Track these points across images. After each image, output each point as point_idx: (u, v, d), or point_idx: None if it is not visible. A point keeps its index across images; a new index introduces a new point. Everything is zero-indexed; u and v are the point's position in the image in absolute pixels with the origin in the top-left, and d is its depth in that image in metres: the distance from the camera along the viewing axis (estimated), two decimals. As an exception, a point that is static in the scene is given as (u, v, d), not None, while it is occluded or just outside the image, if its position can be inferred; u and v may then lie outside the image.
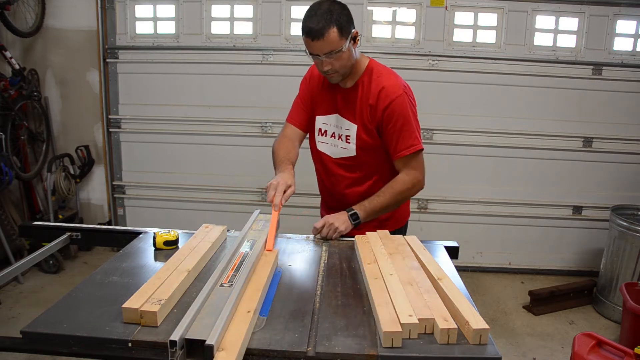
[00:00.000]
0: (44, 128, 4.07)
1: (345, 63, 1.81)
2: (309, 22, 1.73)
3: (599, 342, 2.38)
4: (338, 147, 2.00)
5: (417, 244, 1.74)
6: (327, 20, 1.71)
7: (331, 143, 2.02)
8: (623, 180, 3.96)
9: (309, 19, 1.73)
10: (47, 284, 3.64)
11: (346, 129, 1.95)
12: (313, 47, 1.75)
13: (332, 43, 1.73)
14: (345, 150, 1.98)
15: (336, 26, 1.72)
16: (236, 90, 3.94)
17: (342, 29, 1.73)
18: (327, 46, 1.73)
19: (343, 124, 1.96)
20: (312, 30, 1.72)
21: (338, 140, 1.99)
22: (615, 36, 3.77)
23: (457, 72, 3.80)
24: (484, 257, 4.14)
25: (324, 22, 1.70)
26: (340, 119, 1.97)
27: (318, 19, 1.71)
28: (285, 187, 1.80)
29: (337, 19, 1.72)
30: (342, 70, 1.83)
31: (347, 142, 1.96)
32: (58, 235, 1.91)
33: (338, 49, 1.75)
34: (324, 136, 2.03)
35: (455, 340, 1.20)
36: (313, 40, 1.73)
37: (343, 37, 1.74)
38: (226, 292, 1.32)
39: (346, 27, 1.75)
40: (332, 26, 1.71)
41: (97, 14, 3.87)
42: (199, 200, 4.13)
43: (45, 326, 1.22)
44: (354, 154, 1.96)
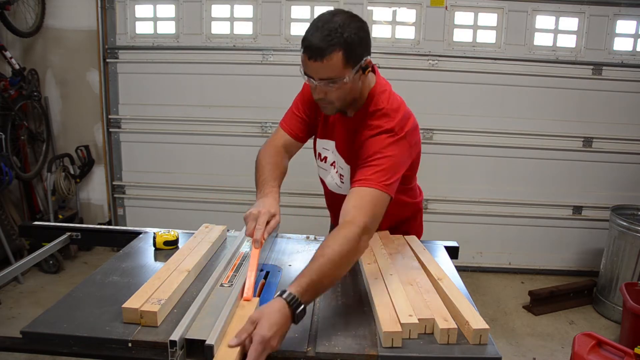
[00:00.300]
0: (44, 128, 4.07)
1: (344, 96, 1.47)
2: (312, 35, 1.37)
3: (599, 342, 2.37)
4: (334, 180, 1.74)
5: (417, 244, 1.74)
6: (334, 41, 1.35)
7: (329, 172, 1.75)
8: (623, 180, 3.96)
9: (314, 32, 1.37)
10: (47, 284, 3.64)
11: (340, 167, 1.68)
12: (309, 67, 1.40)
13: (332, 69, 1.38)
14: (339, 188, 1.74)
15: (343, 49, 1.36)
16: (236, 90, 3.94)
17: (350, 53, 1.38)
18: (325, 71, 1.39)
19: (338, 160, 1.68)
20: (311, 46, 1.36)
21: (335, 173, 1.72)
22: (615, 36, 3.77)
23: (457, 72, 3.80)
24: (484, 257, 4.14)
25: (329, 40, 1.35)
26: (336, 152, 1.69)
27: (324, 35, 1.35)
28: (269, 216, 1.48)
29: (347, 40, 1.36)
30: (338, 103, 1.50)
31: (342, 182, 1.70)
32: (58, 235, 1.91)
33: (339, 78, 1.40)
34: (324, 162, 1.76)
35: (455, 340, 1.20)
36: (310, 59, 1.37)
37: (349, 65, 1.39)
38: (226, 292, 1.33)
39: (356, 54, 1.40)
40: (338, 49, 1.35)
41: (97, 14, 3.87)
42: (199, 200, 4.13)
43: (45, 326, 1.22)
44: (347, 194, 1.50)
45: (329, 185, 1.79)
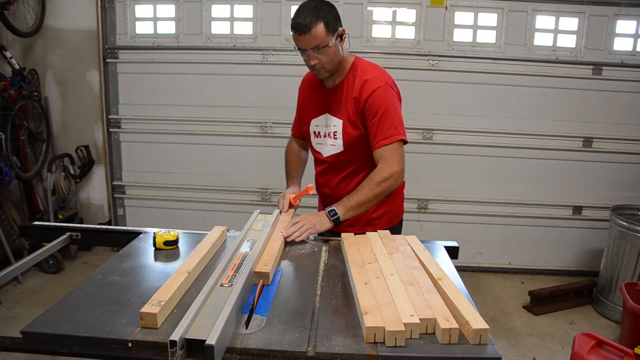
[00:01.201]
0: (44, 128, 4.07)
1: (332, 59, 1.87)
2: (298, 18, 1.80)
3: (599, 342, 2.37)
4: (327, 144, 2.05)
5: (417, 244, 1.74)
6: (314, 16, 1.78)
7: (323, 143, 2.07)
8: (623, 180, 3.96)
9: (298, 16, 1.81)
10: (47, 284, 3.64)
11: (333, 125, 2.00)
12: (301, 41, 1.82)
13: (318, 38, 1.80)
14: (333, 146, 2.03)
15: (323, 22, 1.79)
16: (236, 90, 3.94)
17: (328, 25, 1.80)
18: (313, 40, 1.80)
19: (331, 121, 2.01)
20: (299, 25, 1.79)
21: (327, 138, 2.04)
22: (615, 36, 3.77)
23: (457, 72, 3.80)
24: (484, 257, 4.14)
25: (310, 17, 1.78)
26: (329, 117, 2.02)
27: (305, 15, 1.79)
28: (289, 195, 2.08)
29: (323, 15, 1.80)
30: (328, 66, 1.88)
31: (335, 138, 2.01)
32: (58, 235, 1.91)
33: (324, 43, 1.81)
34: (319, 137, 2.09)
35: (457, 340, 1.20)
36: (300, 34, 1.80)
37: (329, 33, 1.81)
38: (226, 292, 1.32)
39: (332, 24, 1.82)
40: (319, 22, 1.78)
41: (97, 14, 3.87)
42: (199, 200, 4.13)
43: (45, 326, 1.22)
44: (342, 149, 2.00)
45: (327, 152, 2.06)
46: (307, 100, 2.14)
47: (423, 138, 3.89)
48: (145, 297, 1.37)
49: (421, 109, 3.74)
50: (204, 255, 1.61)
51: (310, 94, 2.12)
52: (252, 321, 1.28)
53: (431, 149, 3.89)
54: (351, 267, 1.54)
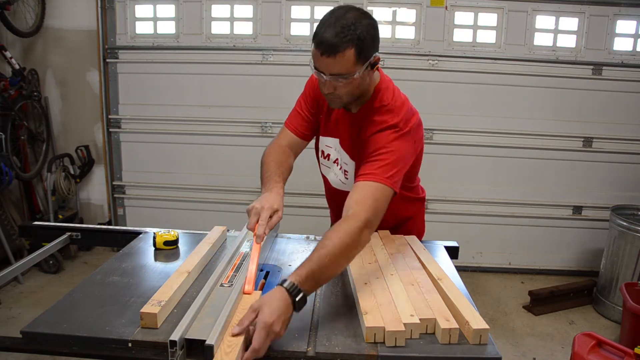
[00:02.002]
0: (44, 128, 4.07)
1: (352, 91, 1.49)
2: (325, 31, 1.38)
3: (599, 342, 2.37)
4: (337, 177, 1.76)
5: (417, 244, 1.74)
6: (347, 37, 1.37)
7: (333, 171, 1.76)
8: (623, 180, 3.96)
9: (326, 28, 1.38)
10: (47, 284, 3.64)
11: (344, 162, 1.69)
12: (321, 63, 1.42)
13: (344, 65, 1.40)
14: (343, 184, 1.74)
15: (355, 47, 1.39)
16: (236, 90, 3.93)
17: (361, 51, 1.41)
18: (337, 67, 1.41)
19: (342, 156, 1.69)
20: (324, 42, 1.38)
21: (339, 170, 1.73)
22: (615, 36, 3.77)
23: (457, 72, 3.80)
24: (484, 257, 4.14)
25: (342, 37, 1.37)
26: (340, 149, 1.70)
27: (337, 31, 1.37)
28: (271, 212, 1.50)
29: (359, 37, 1.39)
30: (346, 98, 1.52)
31: (346, 177, 1.72)
32: (58, 235, 1.91)
33: (350, 74, 1.42)
34: (327, 160, 1.77)
35: (457, 340, 1.20)
36: (323, 55, 1.39)
37: (360, 62, 1.42)
38: (226, 292, 1.33)
39: (366, 51, 1.43)
40: (350, 46, 1.38)
41: (97, 14, 3.87)
42: (199, 200, 4.13)
43: (45, 326, 1.22)
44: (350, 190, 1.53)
45: (332, 182, 1.79)
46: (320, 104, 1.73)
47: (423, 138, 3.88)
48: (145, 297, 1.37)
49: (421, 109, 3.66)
50: (203, 255, 1.61)
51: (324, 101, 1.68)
52: (252, 321, 1.28)
53: (431, 149, 3.88)
54: (351, 267, 1.54)
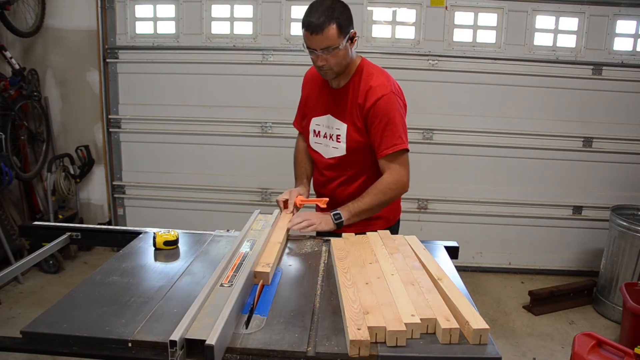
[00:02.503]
0: (44, 128, 4.07)
1: (340, 61, 1.85)
2: (310, 16, 1.76)
3: (599, 342, 2.37)
4: (329, 147, 2.03)
5: (417, 244, 1.74)
6: (328, 17, 1.75)
7: (324, 143, 2.05)
8: (623, 180, 3.96)
9: (311, 14, 1.77)
10: (47, 284, 3.64)
11: (337, 128, 1.99)
12: (311, 41, 1.79)
13: (330, 39, 1.77)
14: (336, 149, 2.01)
15: (336, 23, 1.76)
16: (236, 90, 3.93)
17: (341, 27, 1.77)
18: (325, 41, 1.77)
19: (334, 123, 2.00)
20: (312, 24, 1.75)
21: (329, 140, 2.02)
22: (615, 36, 3.77)
23: (457, 72, 3.80)
24: (484, 257, 4.14)
25: (324, 17, 1.74)
26: (332, 119, 2.00)
27: (319, 14, 1.75)
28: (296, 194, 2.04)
29: (337, 16, 1.76)
30: (336, 68, 1.86)
31: (338, 142, 1.99)
32: (58, 235, 1.91)
33: (335, 45, 1.78)
34: (318, 137, 2.08)
35: (457, 340, 1.20)
36: (312, 34, 1.76)
37: (341, 36, 1.79)
38: (226, 292, 1.32)
39: (345, 26, 1.79)
40: (332, 23, 1.75)
41: (97, 14, 3.87)
42: (199, 200, 4.13)
43: (45, 326, 1.22)
44: (344, 153, 1.98)
45: (325, 153, 2.06)
46: (309, 96, 2.11)
47: (423, 138, 3.89)
48: (146, 297, 1.38)
49: (421, 109, 3.73)
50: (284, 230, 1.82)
51: (313, 91, 2.09)
52: (252, 321, 1.28)
53: (431, 149, 3.89)
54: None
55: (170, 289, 1.45)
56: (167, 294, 1.41)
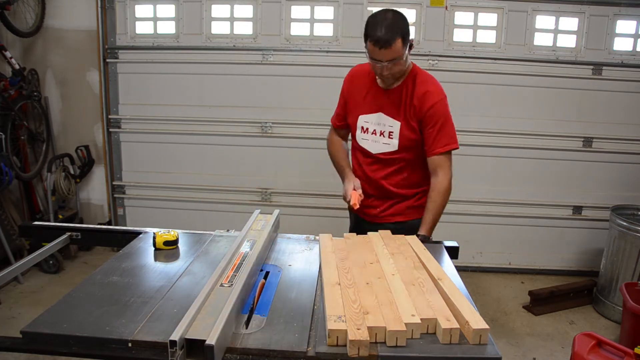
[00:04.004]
0: (44, 128, 4.06)
1: (402, 68, 1.99)
2: (377, 31, 1.86)
3: (599, 342, 2.37)
4: (380, 142, 2.14)
5: (418, 244, 1.74)
6: (395, 32, 1.86)
7: (372, 140, 2.16)
8: (623, 180, 3.96)
9: (378, 28, 1.86)
10: (47, 284, 3.64)
11: (389, 125, 2.10)
12: (379, 54, 1.89)
13: (396, 52, 1.89)
14: (387, 145, 2.12)
15: (401, 37, 1.88)
16: (236, 90, 3.93)
17: (404, 39, 1.90)
18: (392, 54, 1.88)
19: (386, 121, 2.11)
20: (380, 39, 1.86)
21: (380, 136, 2.13)
22: (615, 36, 3.77)
23: (457, 72, 3.80)
24: (484, 257, 4.14)
25: (391, 33, 1.85)
26: (383, 117, 2.11)
27: (386, 30, 1.85)
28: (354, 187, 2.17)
29: (402, 29, 1.89)
30: (398, 75, 2.01)
31: (390, 138, 2.11)
32: (58, 235, 1.91)
33: (400, 57, 1.91)
34: (366, 133, 2.17)
35: (457, 340, 1.20)
36: (380, 49, 1.87)
37: (404, 47, 1.91)
38: (226, 292, 1.32)
39: (407, 37, 1.92)
40: (398, 37, 1.87)
41: (97, 14, 3.86)
42: (199, 200, 4.12)
43: (45, 326, 1.22)
44: (395, 149, 2.11)
45: (373, 149, 2.16)
46: (356, 95, 2.19)
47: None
48: (146, 297, 1.38)
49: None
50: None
51: (360, 90, 2.17)
52: (252, 321, 1.28)
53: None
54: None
55: (170, 289, 1.45)
56: (167, 294, 1.41)
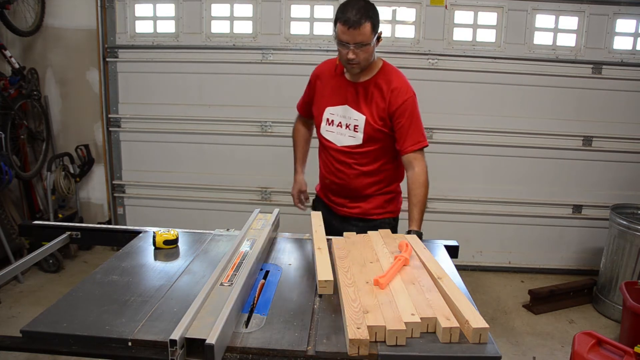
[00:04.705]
0: (44, 127, 4.06)
1: (367, 57, 1.99)
2: (348, 12, 1.90)
3: (598, 341, 2.37)
4: (345, 135, 2.13)
5: (418, 243, 1.74)
6: (364, 15, 1.89)
7: (337, 132, 2.15)
8: (623, 179, 3.96)
9: (348, 10, 1.90)
10: (47, 283, 3.64)
11: (354, 119, 2.10)
12: (347, 35, 1.91)
13: (364, 35, 1.91)
14: (352, 138, 2.11)
15: (371, 22, 1.91)
16: (236, 89, 3.93)
17: (374, 26, 1.93)
18: (359, 37, 1.91)
19: (352, 114, 2.10)
20: (349, 19, 1.89)
21: (345, 129, 2.13)
22: (615, 35, 3.77)
23: (457, 71, 3.79)
24: (484, 256, 4.14)
25: (361, 15, 1.89)
26: (349, 110, 2.11)
27: (357, 11, 1.89)
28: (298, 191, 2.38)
29: (372, 16, 1.92)
30: (363, 63, 1.99)
31: (355, 131, 2.10)
32: (58, 234, 1.91)
33: (367, 42, 1.93)
34: (331, 125, 2.16)
35: (457, 339, 1.20)
36: (349, 28, 1.89)
37: (373, 33, 1.94)
38: (226, 291, 1.32)
39: (377, 26, 1.96)
40: (368, 21, 1.90)
41: (97, 13, 3.86)
42: (198, 200, 4.12)
43: (45, 325, 1.22)
44: (359, 142, 2.09)
45: (338, 141, 2.15)
46: (324, 86, 2.19)
47: (423, 137, 3.88)
48: (146, 296, 1.38)
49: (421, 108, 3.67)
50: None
51: (328, 82, 2.17)
52: (252, 320, 1.29)
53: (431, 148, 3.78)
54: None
55: (170, 288, 1.45)
56: (167, 293, 1.41)
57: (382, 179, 2.17)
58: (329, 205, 2.29)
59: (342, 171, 2.16)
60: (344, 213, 2.23)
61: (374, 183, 2.16)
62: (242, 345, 1.18)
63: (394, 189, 2.25)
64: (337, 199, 2.25)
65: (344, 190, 2.19)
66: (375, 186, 2.18)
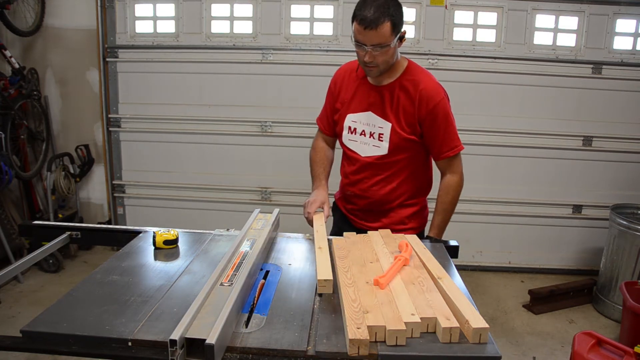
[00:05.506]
0: (44, 127, 4.06)
1: (388, 59, 1.81)
2: (365, 10, 1.71)
3: (598, 341, 2.37)
4: (369, 145, 1.97)
5: (418, 243, 1.74)
6: (383, 13, 1.70)
7: (361, 141, 1.99)
8: (623, 179, 3.96)
9: (365, 8, 1.71)
10: (47, 283, 3.64)
11: (379, 127, 1.93)
12: (363, 35, 1.74)
13: (382, 36, 1.72)
14: (377, 148, 1.95)
15: (390, 21, 1.71)
16: (236, 89, 3.93)
17: (395, 25, 1.73)
18: (377, 38, 1.73)
19: (376, 121, 1.93)
20: (366, 18, 1.70)
21: (369, 138, 1.96)
22: (615, 35, 3.77)
23: (457, 71, 3.80)
24: (484, 256, 4.14)
25: (379, 13, 1.69)
26: (373, 117, 1.94)
27: (375, 8, 1.70)
28: (319, 204, 1.97)
29: (392, 13, 1.72)
30: (382, 66, 1.82)
31: (380, 140, 1.93)
32: (58, 234, 1.91)
33: (386, 43, 1.74)
34: (354, 134, 2.00)
35: (457, 339, 1.20)
36: (365, 29, 1.71)
37: (394, 34, 1.74)
38: (226, 291, 1.32)
39: (398, 25, 1.76)
40: (387, 20, 1.71)
41: (97, 13, 3.86)
42: (199, 200, 4.13)
43: (45, 325, 1.22)
44: (385, 153, 1.94)
45: (362, 151, 1.99)
46: (344, 92, 2.02)
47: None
48: (146, 296, 1.38)
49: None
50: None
51: (349, 87, 2.00)
52: (252, 320, 1.28)
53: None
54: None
55: (170, 288, 1.45)
56: (167, 293, 1.41)
57: (406, 191, 2.01)
58: (346, 216, 2.15)
59: (365, 183, 2.01)
60: (361, 226, 2.06)
61: (398, 196, 2.00)
62: (242, 345, 1.18)
63: (419, 201, 2.08)
64: (356, 211, 2.10)
65: (366, 203, 2.03)
66: (399, 199, 2.02)
